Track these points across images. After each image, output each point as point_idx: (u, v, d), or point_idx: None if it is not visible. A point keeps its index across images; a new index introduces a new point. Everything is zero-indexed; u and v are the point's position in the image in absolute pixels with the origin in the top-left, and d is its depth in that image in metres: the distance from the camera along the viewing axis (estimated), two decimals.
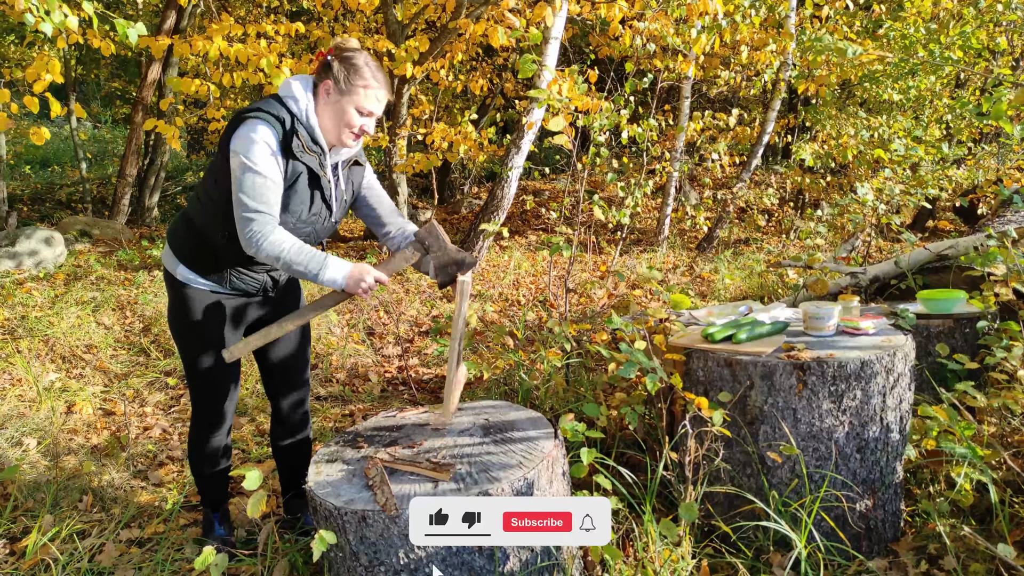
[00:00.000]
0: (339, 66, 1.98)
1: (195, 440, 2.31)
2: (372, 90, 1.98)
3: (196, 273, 2.12)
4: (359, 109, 1.98)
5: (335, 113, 1.99)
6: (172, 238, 2.17)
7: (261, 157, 1.88)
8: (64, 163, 14.16)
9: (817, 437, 2.13)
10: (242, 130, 1.90)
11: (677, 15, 5.44)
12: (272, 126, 1.91)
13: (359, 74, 1.97)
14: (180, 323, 2.17)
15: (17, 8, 3.08)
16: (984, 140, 9.48)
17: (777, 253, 7.55)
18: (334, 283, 1.96)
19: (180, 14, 8.52)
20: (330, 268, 1.94)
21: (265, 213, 1.90)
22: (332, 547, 1.72)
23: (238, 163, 1.89)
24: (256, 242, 1.90)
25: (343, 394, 3.92)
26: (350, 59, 1.98)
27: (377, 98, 2.00)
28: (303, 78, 2.03)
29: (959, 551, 2.04)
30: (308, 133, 1.99)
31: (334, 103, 1.98)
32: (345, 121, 1.99)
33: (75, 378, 4.01)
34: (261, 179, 1.89)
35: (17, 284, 5.66)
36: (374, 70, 2.00)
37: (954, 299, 2.96)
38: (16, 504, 2.65)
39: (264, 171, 1.89)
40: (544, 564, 1.79)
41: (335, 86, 1.98)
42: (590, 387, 3.15)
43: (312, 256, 1.93)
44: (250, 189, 1.88)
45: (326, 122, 2.01)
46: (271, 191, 1.91)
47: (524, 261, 7.48)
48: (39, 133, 3.75)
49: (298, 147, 1.95)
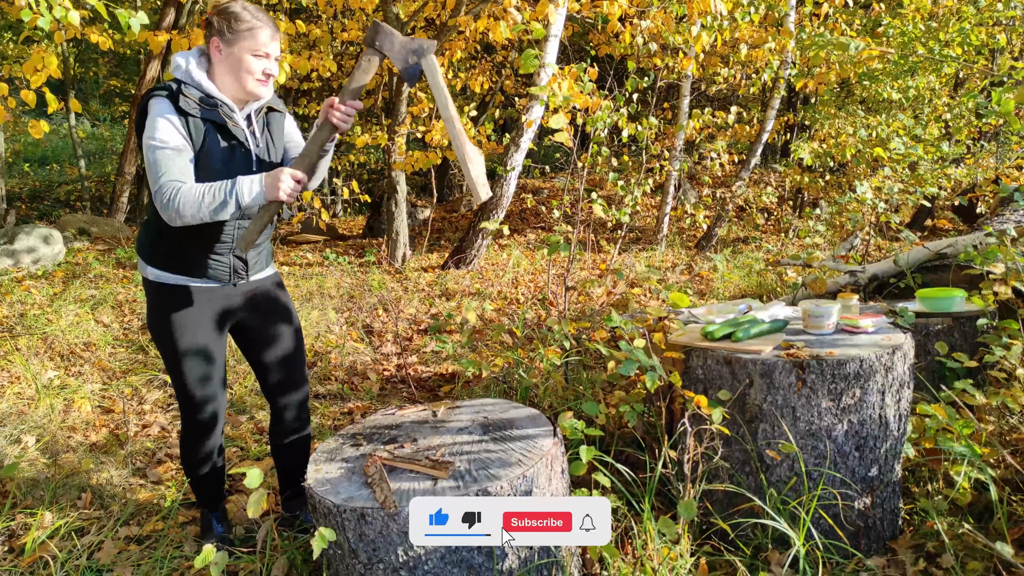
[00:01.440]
0: (218, 19, 1.98)
1: (187, 444, 2.30)
2: (258, 29, 1.98)
3: (164, 270, 2.11)
4: (252, 52, 1.98)
5: (231, 65, 1.99)
6: (139, 244, 2.18)
7: (158, 129, 1.90)
8: (63, 161, 14.15)
9: (816, 435, 2.13)
10: (148, 116, 1.93)
11: (680, 12, 5.43)
12: (160, 96, 1.93)
13: (239, 19, 1.97)
14: (160, 327, 2.16)
15: (16, 4, 3.07)
16: (983, 139, 9.49)
17: (776, 252, 7.55)
18: (255, 196, 1.92)
19: (179, 11, 8.52)
20: (244, 185, 1.91)
21: (176, 181, 1.89)
22: (331, 545, 1.72)
23: (144, 144, 1.92)
24: (174, 207, 1.87)
25: (342, 392, 3.92)
26: (226, 9, 1.98)
27: (266, 36, 1.99)
28: (186, 52, 2.05)
29: (957, 549, 2.04)
30: (197, 90, 1.99)
31: (227, 56, 1.98)
32: (244, 68, 1.98)
33: (74, 376, 4.00)
34: (161, 151, 1.90)
35: (16, 282, 5.66)
36: (253, 12, 1.99)
37: (953, 297, 2.96)
38: (15, 501, 2.65)
39: (162, 141, 1.90)
40: (543, 562, 1.79)
41: (221, 39, 1.98)
42: (589, 385, 3.15)
43: (223, 185, 1.91)
44: (154, 161, 1.90)
45: (226, 78, 2.01)
46: (175, 159, 1.91)
47: (523, 259, 7.49)
48: (38, 126, 3.75)
49: (188, 104, 1.95)
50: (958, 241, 3.63)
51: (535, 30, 3.36)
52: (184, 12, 8.62)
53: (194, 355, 2.15)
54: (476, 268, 7.14)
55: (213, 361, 2.19)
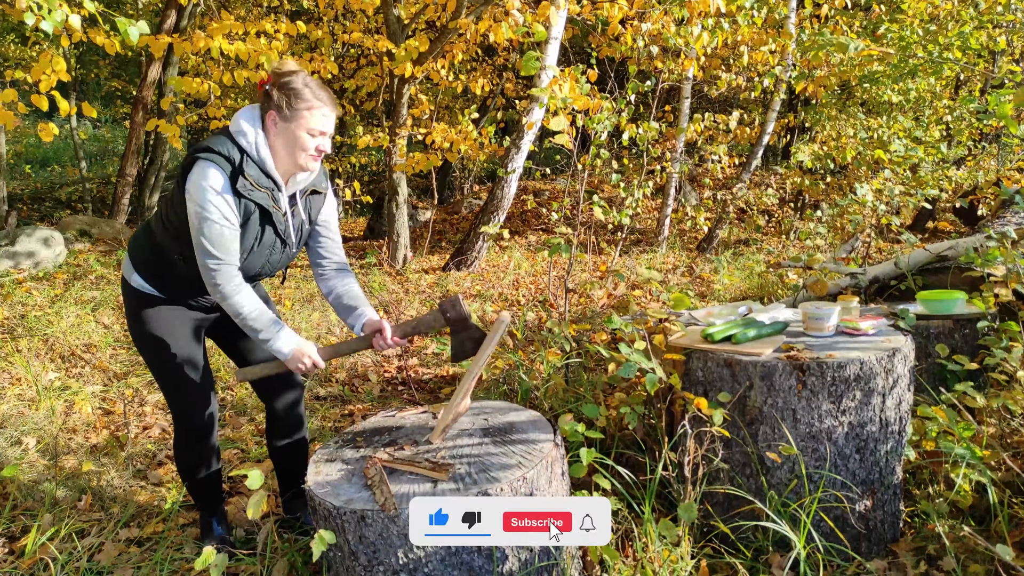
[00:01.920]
0: (279, 94, 1.95)
1: (181, 449, 2.31)
2: (317, 110, 1.96)
3: (149, 284, 2.13)
4: (309, 131, 1.96)
5: (287, 141, 1.97)
6: (132, 247, 2.18)
7: (215, 204, 1.89)
8: (64, 163, 14.17)
9: (816, 438, 2.13)
10: (195, 173, 1.89)
11: (680, 15, 5.44)
12: (221, 168, 1.90)
13: (300, 97, 1.94)
14: (141, 333, 2.16)
15: (18, 7, 3.07)
16: (984, 141, 9.49)
17: (777, 254, 7.55)
18: (280, 354, 2.04)
19: (180, 14, 8.52)
20: (280, 340, 2.02)
21: (226, 262, 1.94)
22: (331, 547, 1.72)
23: (194, 211, 1.90)
24: (221, 293, 1.96)
25: (342, 394, 3.92)
26: (288, 84, 1.95)
27: (324, 115, 1.98)
28: (251, 111, 2.01)
29: (958, 552, 2.04)
30: (259, 167, 1.98)
31: (283, 132, 1.97)
32: (299, 146, 1.97)
33: (74, 377, 4.00)
34: (218, 228, 1.90)
35: (16, 283, 5.66)
36: (315, 89, 1.97)
37: (954, 300, 2.96)
38: (15, 503, 2.65)
39: (219, 219, 1.90)
40: (543, 564, 1.79)
41: (279, 115, 1.95)
42: (589, 387, 3.15)
43: (268, 325, 2.00)
44: (209, 237, 1.90)
45: (280, 152, 1.99)
46: (229, 239, 1.93)
47: (524, 261, 7.49)
48: (47, 129, 3.75)
49: (245, 186, 1.93)
50: (959, 243, 3.63)
51: (536, 32, 3.37)
52: (185, 14, 8.63)
53: (177, 361, 2.17)
54: (477, 270, 7.14)
55: (197, 365, 2.20)
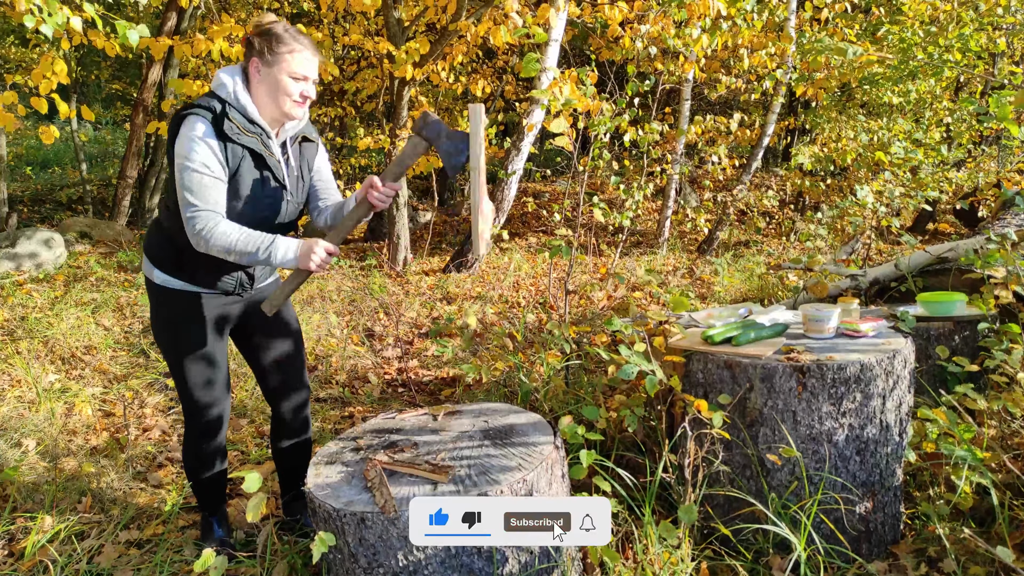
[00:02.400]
0: (259, 40, 1.97)
1: (189, 447, 2.31)
2: (298, 53, 1.97)
3: (171, 275, 2.12)
4: (291, 75, 1.97)
5: (270, 87, 1.98)
6: (146, 245, 2.18)
7: (198, 153, 1.89)
8: (65, 164, 14.17)
9: (817, 439, 2.13)
10: (181, 130, 1.91)
11: (679, 17, 5.44)
12: (204, 118, 1.91)
13: (281, 40, 1.96)
14: (163, 330, 2.17)
15: (18, 9, 3.08)
16: (984, 143, 9.49)
17: (777, 255, 7.55)
18: (287, 261, 1.94)
19: (181, 16, 8.53)
20: (280, 248, 1.93)
21: (208, 209, 1.91)
22: (331, 549, 1.72)
23: (178, 163, 1.90)
24: (204, 238, 1.89)
25: (343, 396, 3.92)
26: (268, 30, 1.97)
27: (306, 59, 1.99)
28: (230, 67, 2.03)
29: (959, 554, 2.04)
30: (241, 114, 1.98)
31: (266, 77, 1.98)
32: (282, 90, 1.98)
33: (75, 379, 4.00)
34: (199, 176, 1.89)
35: (17, 285, 5.66)
36: (295, 34, 1.99)
37: (954, 302, 2.96)
38: (15, 505, 2.64)
39: (202, 167, 1.89)
40: (543, 566, 1.79)
41: (261, 60, 1.97)
42: (590, 389, 3.15)
43: (261, 240, 1.92)
44: (190, 186, 1.89)
45: (264, 99, 2.00)
46: (212, 188, 1.91)
47: (524, 263, 7.49)
48: (48, 132, 3.75)
49: (231, 129, 1.94)
50: (959, 245, 3.63)
51: (536, 34, 3.37)
52: (186, 17, 8.64)
53: (197, 358, 2.16)
54: (477, 272, 7.14)
55: (216, 364, 2.20)
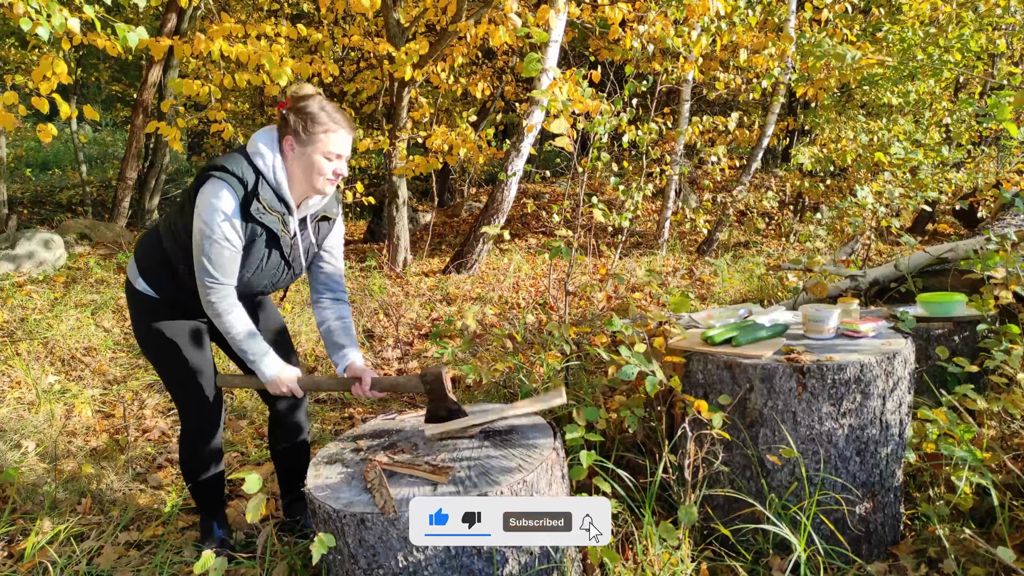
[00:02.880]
0: (295, 118, 1.96)
1: (185, 448, 2.31)
2: (333, 133, 1.97)
3: (153, 289, 2.14)
4: (325, 155, 1.97)
5: (304, 165, 1.98)
6: (139, 254, 2.19)
7: (221, 226, 1.90)
8: (64, 166, 14.17)
9: (817, 440, 2.12)
10: (207, 190, 1.90)
11: (677, 16, 5.45)
12: (234, 190, 1.91)
13: (316, 120, 1.95)
14: (146, 336, 2.18)
15: (16, 11, 3.08)
16: (984, 143, 9.49)
17: (776, 256, 7.55)
18: (262, 376, 2.10)
19: (180, 17, 8.54)
20: (265, 364, 2.08)
21: (224, 283, 1.98)
22: (331, 550, 1.72)
23: (199, 228, 1.91)
24: (214, 310, 2.00)
25: (342, 397, 3.92)
26: (304, 108, 1.96)
27: (340, 139, 1.98)
28: (269, 133, 2.02)
29: (959, 554, 2.04)
30: (274, 191, 1.98)
31: (300, 156, 1.97)
32: (316, 170, 1.98)
33: (74, 380, 4.00)
34: (218, 248, 1.92)
35: (16, 287, 5.66)
36: (331, 112, 1.98)
37: (954, 302, 2.96)
38: (15, 506, 2.64)
39: (223, 241, 1.91)
40: (543, 567, 1.79)
41: (296, 139, 1.96)
42: (590, 390, 3.15)
43: (256, 348, 2.05)
44: (214, 259, 1.93)
45: (298, 175, 2.00)
46: (231, 261, 1.96)
47: (524, 264, 7.49)
48: (46, 130, 3.75)
49: (257, 209, 1.94)
50: (959, 245, 3.62)
51: (539, 36, 3.37)
52: (186, 17, 8.65)
53: (183, 362, 2.17)
54: (477, 273, 7.14)
55: (202, 367, 2.21)
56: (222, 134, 5.50)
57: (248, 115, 12.95)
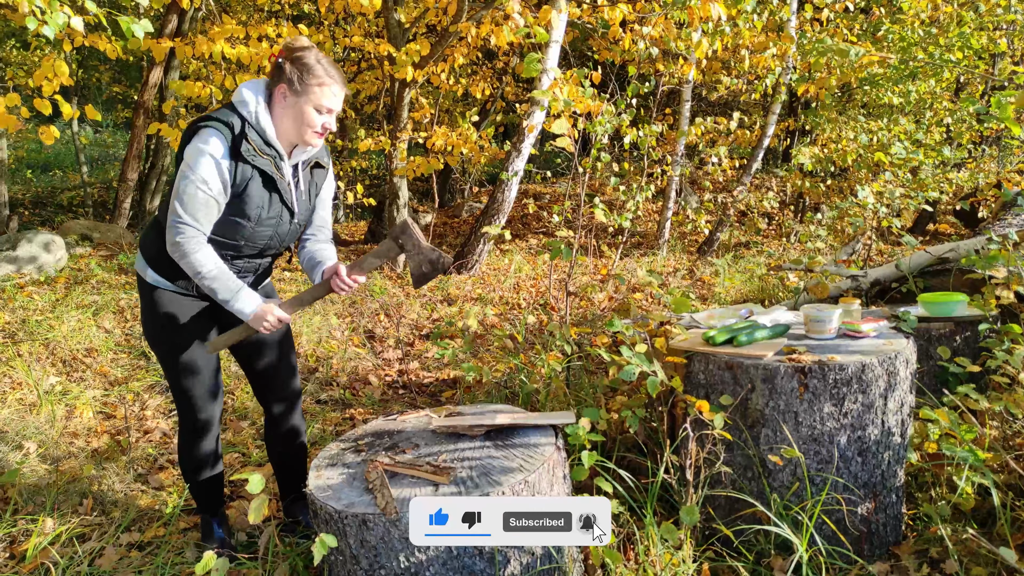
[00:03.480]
0: (291, 67, 1.96)
1: (184, 447, 2.31)
2: (327, 87, 1.97)
3: (164, 277, 2.13)
4: (317, 107, 1.97)
5: (294, 115, 1.99)
6: (143, 243, 2.18)
7: (205, 170, 1.89)
8: (65, 167, 14.17)
9: (818, 440, 2.12)
10: (194, 140, 1.91)
11: (681, 18, 5.45)
12: (221, 133, 1.91)
13: (312, 72, 1.95)
14: (154, 328, 2.18)
15: (20, 11, 3.08)
16: (985, 143, 9.49)
17: (778, 256, 7.55)
18: (242, 313, 2.02)
19: (181, 18, 8.54)
20: (241, 300, 2.01)
21: (194, 227, 1.94)
22: (333, 551, 1.72)
23: (182, 171, 1.91)
24: (181, 250, 1.94)
25: (343, 398, 3.92)
26: (301, 58, 1.97)
27: (333, 93, 1.99)
28: (254, 83, 2.03)
29: (961, 554, 2.04)
30: (259, 136, 1.98)
31: (291, 105, 1.98)
32: (305, 121, 1.98)
33: (75, 382, 4.00)
34: (195, 190, 1.90)
35: (18, 288, 5.66)
36: (327, 66, 1.98)
37: (955, 302, 2.96)
38: (16, 507, 2.64)
39: (203, 185, 1.90)
40: (545, 567, 1.79)
41: (289, 88, 1.97)
42: (591, 390, 3.15)
43: (228, 284, 1.99)
44: (186, 199, 1.90)
45: (287, 124, 2.00)
46: (204, 205, 1.93)
47: (525, 264, 7.49)
48: (48, 131, 3.75)
49: (248, 151, 1.94)
50: (960, 246, 3.62)
51: (539, 35, 3.37)
52: (187, 19, 8.65)
53: (187, 357, 2.17)
54: (478, 273, 7.14)
55: (205, 364, 2.21)
56: None
57: None
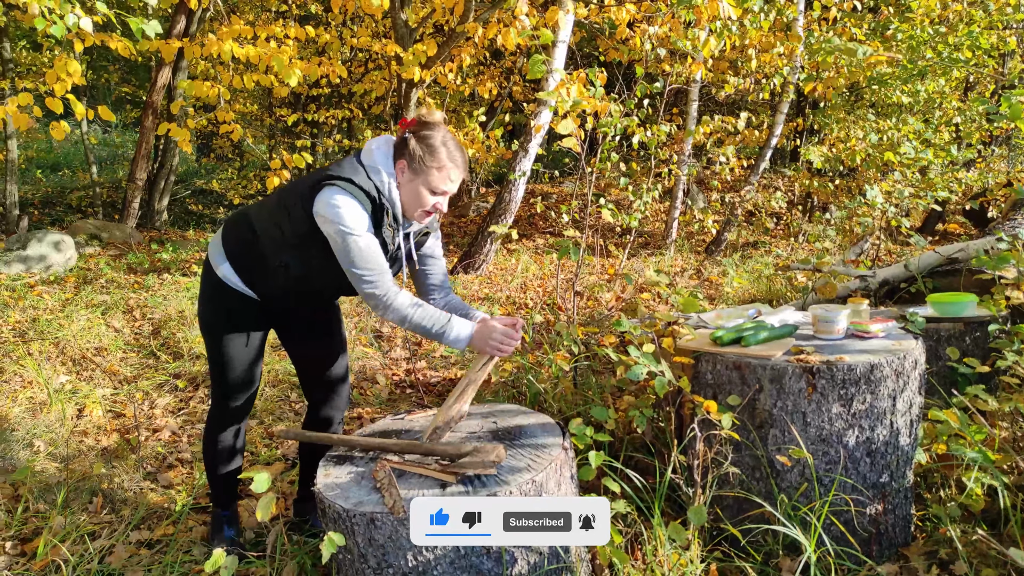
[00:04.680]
0: (415, 144, 1.96)
1: (211, 433, 2.34)
2: (447, 171, 1.97)
3: (240, 278, 2.14)
4: (432, 190, 1.97)
5: (410, 193, 1.99)
6: (228, 238, 2.17)
7: (358, 222, 1.89)
8: (75, 167, 14.25)
9: (827, 441, 2.12)
10: (331, 199, 1.89)
11: (688, 18, 5.44)
12: (360, 201, 1.91)
13: (435, 155, 1.95)
14: (210, 315, 2.21)
15: (30, 12, 3.10)
16: (994, 142, 9.43)
17: (786, 256, 7.52)
18: (459, 343, 1.99)
19: (190, 19, 8.58)
20: (455, 330, 1.98)
21: (379, 273, 1.94)
22: (341, 549, 1.73)
23: (336, 231, 1.89)
24: (382, 304, 1.96)
25: (351, 397, 3.93)
26: (427, 138, 1.96)
27: (451, 178, 1.98)
28: (386, 151, 2.01)
29: (971, 556, 2.03)
30: (391, 208, 1.99)
31: (408, 181, 1.98)
32: (420, 201, 1.98)
33: (85, 380, 4.03)
34: (365, 242, 1.91)
35: (28, 287, 5.70)
36: (451, 149, 1.97)
37: (965, 302, 2.94)
38: (27, 506, 2.66)
39: (365, 234, 1.91)
40: (552, 567, 1.79)
41: (410, 165, 1.96)
42: (598, 390, 3.15)
43: (437, 318, 1.97)
44: (359, 256, 1.91)
45: (404, 198, 2.01)
46: (376, 252, 1.94)
47: (532, 264, 7.49)
48: (59, 128, 3.77)
49: (387, 225, 1.97)
50: (969, 246, 3.61)
51: (544, 36, 3.37)
52: (195, 20, 8.69)
53: (237, 349, 2.20)
54: (485, 273, 7.14)
55: (252, 358, 2.25)
56: (231, 135, 5.52)
57: (257, 116, 13.01)
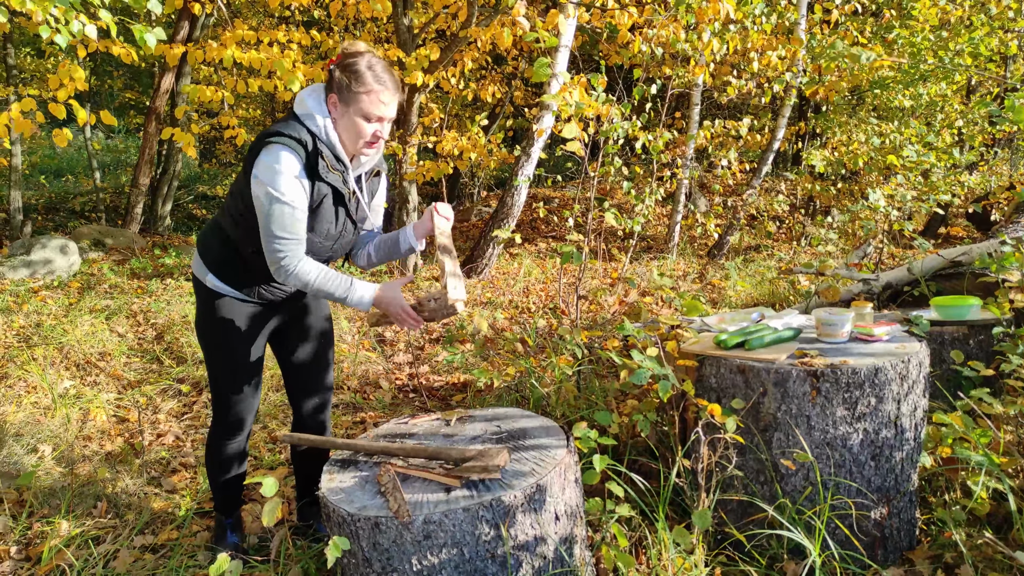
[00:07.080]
0: (340, 75, 1.92)
1: (213, 444, 2.33)
2: (376, 93, 1.91)
3: (225, 283, 2.14)
4: (365, 116, 1.92)
5: (346, 125, 1.95)
6: (202, 248, 2.18)
7: (287, 187, 1.87)
8: (78, 173, 14.30)
9: (831, 444, 2.11)
10: (266, 158, 1.87)
11: (687, 21, 5.45)
12: (295, 152, 1.88)
13: (360, 80, 1.90)
14: (207, 329, 2.20)
15: (34, 20, 3.12)
16: (997, 145, 9.42)
17: (788, 260, 7.52)
18: (362, 305, 2.00)
19: (193, 25, 8.61)
20: (356, 292, 1.98)
21: (293, 241, 1.92)
22: (345, 554, 1.73)
23: (263, 192, 1.88)
24: (285, 271, 1.94)
25: (354, 401, 3.93)
26: (351, 65, 1.92)
27: (382, 100, 1.92)
28: (316, 92, 1.99)
29: (976, 560, 2.02)
30: (330, 151, 1.96)
31: (342, 115, 1.94)
32: (357, 131, 1.94)
33: (89, 385, 4.03)
34: (289, 209, 1.89)
35: (32, 292, 5.72)
36: (378, 72, 1.92)
37: (968, 305, 2.94)
38: (32, 510, 2.67)
39: (291, 201, 1.88)
40: (557, 571, 1.79)
41: (339, 98, 1.93)
42: (602, 394, 3.15)
43: (337, 282, 1.97)
44: (278, 220, 1.89)
45: (343, 135, 1.97)
46: (299, 221, 1.92)
47: (535, 268, 7.49)
48: (61, 134, 3.79)
49: (324, 168, 1.93)
50: (973, 249, 3.60)
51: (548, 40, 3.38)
52: (198, 24, 8.73)
53: (236, 360, 2.20)
54: (487, 277, 7.15)
55: (252, 368, 2.24)
56: (235, 140, 5.54)
57: (260, 121, 13.04)
